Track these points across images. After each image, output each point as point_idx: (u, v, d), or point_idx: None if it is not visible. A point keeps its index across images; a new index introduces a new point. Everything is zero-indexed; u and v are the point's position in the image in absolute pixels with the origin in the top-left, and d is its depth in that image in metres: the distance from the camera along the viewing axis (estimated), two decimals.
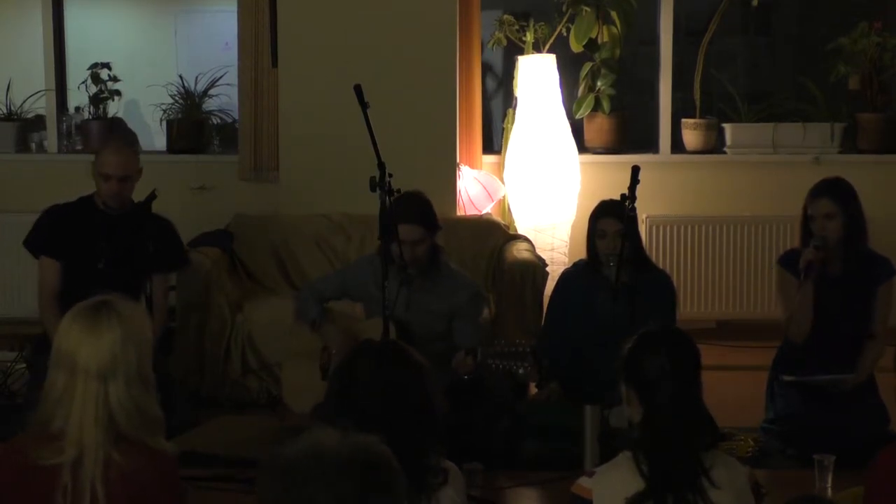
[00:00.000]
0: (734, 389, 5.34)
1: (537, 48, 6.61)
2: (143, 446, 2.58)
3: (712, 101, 7.14)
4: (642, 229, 6.33)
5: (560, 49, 6.62)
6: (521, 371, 4.18)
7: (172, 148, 6.82)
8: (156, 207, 4.70)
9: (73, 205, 4.92)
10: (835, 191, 4.69)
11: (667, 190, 6.65)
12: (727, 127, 6.84)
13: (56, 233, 4.85)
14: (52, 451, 2.54)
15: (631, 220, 4.58)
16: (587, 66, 6.71)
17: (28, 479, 2.56)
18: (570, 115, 6.63)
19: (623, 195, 4.47)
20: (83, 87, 6.80)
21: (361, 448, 1.76)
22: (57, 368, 2.59)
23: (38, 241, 4.88)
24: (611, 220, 4.77)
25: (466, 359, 4.33)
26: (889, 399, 4.53)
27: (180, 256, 5.06)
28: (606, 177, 6.36)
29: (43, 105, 6.95)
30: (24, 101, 6.96)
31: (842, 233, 4.66)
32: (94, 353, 2.55)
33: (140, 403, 2.58)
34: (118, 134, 6.63)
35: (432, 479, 2.57)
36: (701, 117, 6.84)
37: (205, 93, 6.89)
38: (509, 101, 6.79)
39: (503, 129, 6.75)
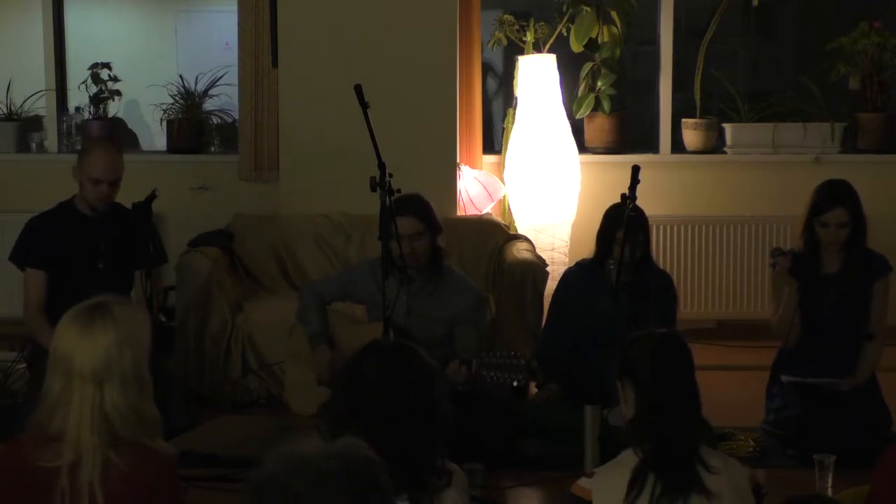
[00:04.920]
0: (734, 389, 5.34)
1: (537, 48, 6.61)
2: (142, 447, 2.57)
3: (712, 101, 7.14)
4: None
5: (560, 49, 6.62)
6: (514, 384, 4.15)
7: (172, 148, 6.83)
8: (156, 207, 4.69)
9: (54, 212, 4.84)
10: (848, 199, 4.69)
11: (667, 190, 6.65)
12: (727, 127, 6.83)
13: (42, 243, 4.77)
14: (51, 452, 2.53)
15: (630, 219, 4.57)
16: (587, 66, 6.71)
17: (27, 481, 2.55)
18: (571, 115, 6.63)
19: (623, 195, 4.46)
20: (83, 87, 6.80)
21: (344, 454, 1.71)
22: (54, 371, 2.57)
23: (22, 253, 4.80)
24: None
25: (461, 368, 4.29)
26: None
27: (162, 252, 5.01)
28: (606, 177, 6.36)
29: (43, 105, 6.95)
30: (25, 101, 6.97)
31: (847, 236, 4.69)
32: (89, 357, 2.54)
33: (136, 406, 2.57)
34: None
35: (436, 481, 2.54)
36: (701, 117, 6.83)
37: (205, 93, 6.89)
38: (509, 101, 6.78)
39: (503, 129, 6.75)
